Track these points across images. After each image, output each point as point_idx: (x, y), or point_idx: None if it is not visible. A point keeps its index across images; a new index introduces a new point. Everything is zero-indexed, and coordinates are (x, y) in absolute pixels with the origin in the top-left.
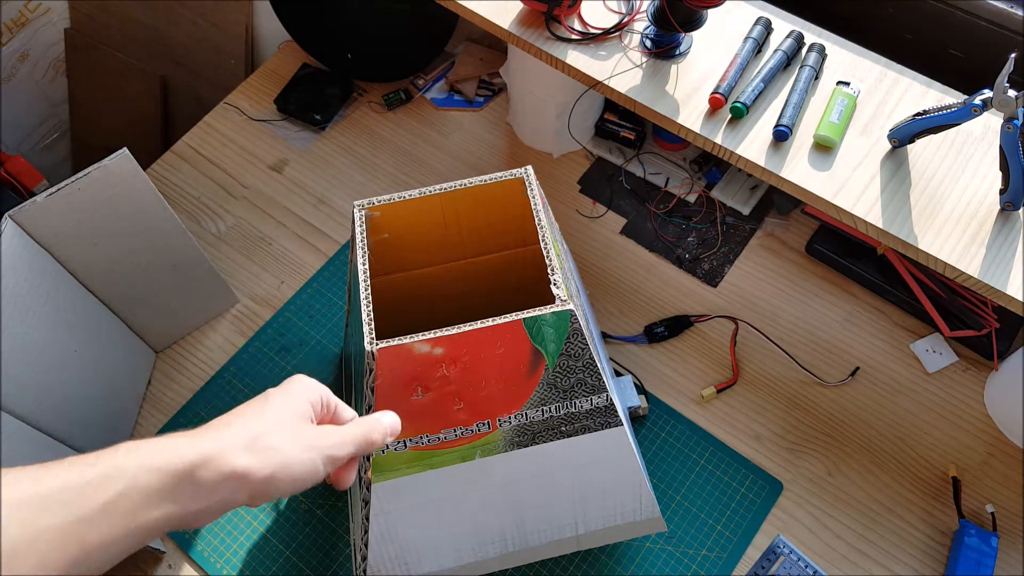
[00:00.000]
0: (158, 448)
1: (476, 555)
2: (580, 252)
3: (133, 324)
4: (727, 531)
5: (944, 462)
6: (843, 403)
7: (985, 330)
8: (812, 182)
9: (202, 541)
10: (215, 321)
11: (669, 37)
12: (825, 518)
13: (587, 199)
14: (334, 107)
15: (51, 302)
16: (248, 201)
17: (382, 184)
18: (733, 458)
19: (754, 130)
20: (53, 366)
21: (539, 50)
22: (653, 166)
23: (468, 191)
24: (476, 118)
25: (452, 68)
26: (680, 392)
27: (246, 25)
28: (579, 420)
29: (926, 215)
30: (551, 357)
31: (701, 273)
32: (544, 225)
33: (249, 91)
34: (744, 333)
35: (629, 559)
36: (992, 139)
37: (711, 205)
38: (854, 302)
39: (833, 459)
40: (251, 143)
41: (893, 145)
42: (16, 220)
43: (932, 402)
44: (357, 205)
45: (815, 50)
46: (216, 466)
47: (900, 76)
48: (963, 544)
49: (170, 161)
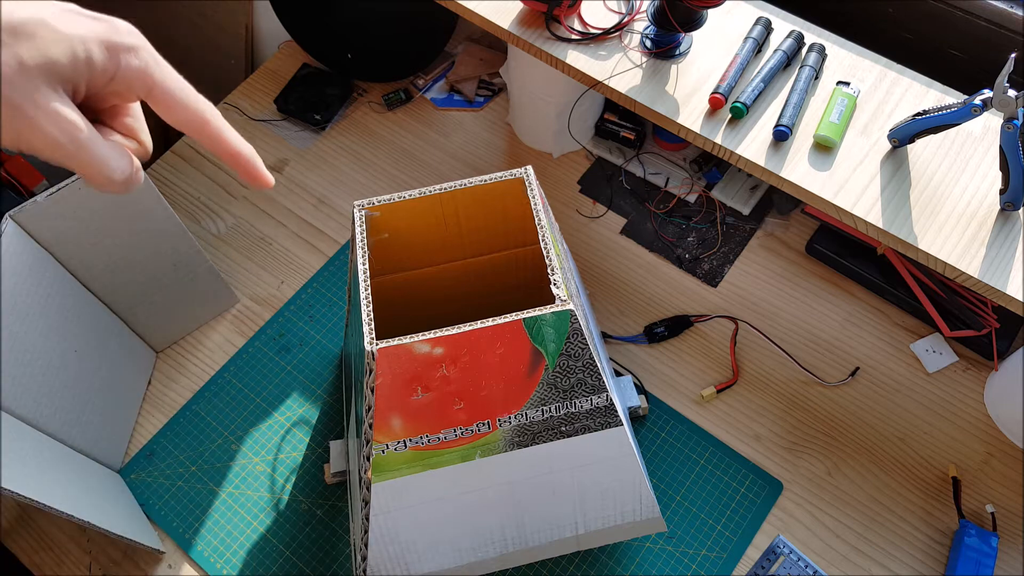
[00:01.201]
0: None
1: (476, 555)
2: (580, 252)
3: (133, 324)
4: (727, 531)
5: (944, 462)
6: (843, 403)
7: (985, 330)
8: (812, 182)
9: (202, 541)
10: (215, 321)
11: (669, 37)
12: (825, 518)
13: (587, 199)
14: (334, 107)
15: (51, 302)
16: (248, 201)
17: (382, 184)
18: (733, 458)
19: (754, 130)
20: (53, 366)
21: (539, 50)
22: (653, 166)
23: (468, 191)
24: (476, 118)
25: (452, 68)
26: (680, 392)
27: (246, 25)
28: (579, 420)
29: (926, 215)
30: (551, 357)
31: (701, 273)
32: (544, 225)
33: (249, 91)
34: (744, 333)
35: (629, 559)
36: (992, 139)
37: (711, 205)
38: (854, 302)
39: (833, 459)
40: (251, 143)
41: (893, 145)
42: (16, 220)
43: (932, 402)
44: (357, 205)
45: (815, 50)
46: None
47: (900, 76)
48: (963, 544)
49: (170, 161)
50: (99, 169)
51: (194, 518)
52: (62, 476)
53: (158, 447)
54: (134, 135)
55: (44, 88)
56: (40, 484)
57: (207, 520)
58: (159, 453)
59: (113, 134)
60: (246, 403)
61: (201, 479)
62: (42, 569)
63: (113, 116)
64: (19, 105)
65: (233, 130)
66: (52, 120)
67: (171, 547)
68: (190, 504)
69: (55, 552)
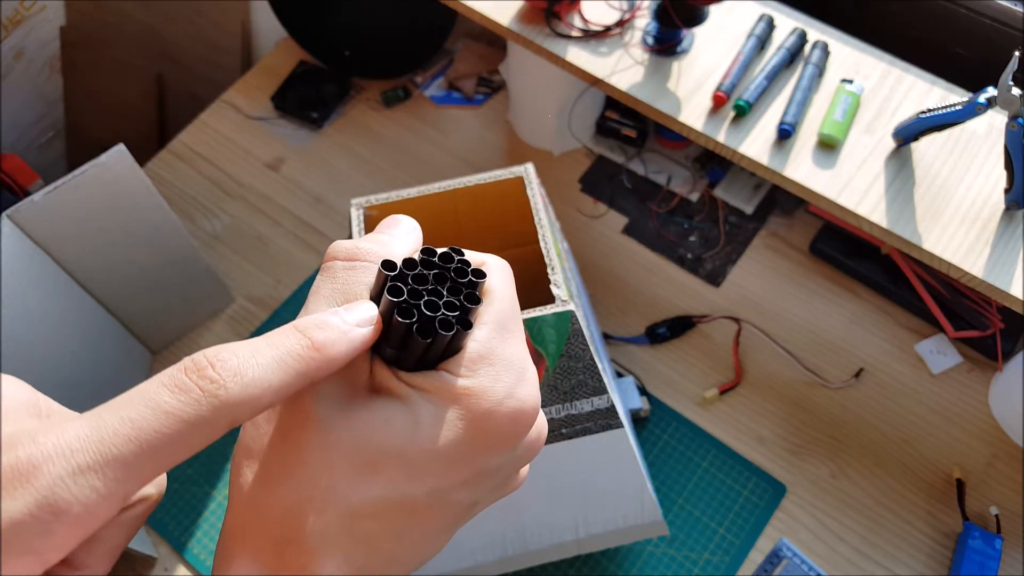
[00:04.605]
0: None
1: (475, 559)
2: (581, 252)
3: (130, 324)
4: (730, 534)
5: (948, 464)
6: (847, 404)
7: (990, 331)
8: (816, 181)
9: (197, 543)
10: (211, 321)
11: (671, 34)
12: (828, 521)
13: (588, 198)
14: (331, 105)
15: (49, 302)
16: (244, 200)
17: (380, 182)
18: (736, 460)
19: (757, 128)
20: (50, 367)
21: (539, 47)
22: (655, 164)
23: (467, 190)
24: (475, 116)
25: (451, 65)
26: (682, 394)
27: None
28: (580, 422)
29: (930, 214)
30: (551, 358)
31: (703, 273)
32: (544, 224)
33: (246, 89)
34: (747, 334)
35: (630, 563)
36: (996, 138)
37: (713, 204)
38: (858, 302)
39: (837, 461)
40: (248, 141)
41: (897, 143)
42: (13, 219)
43: (936, 403)
44: (355, 204)
45: (819, 47)
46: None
47: (904, 74)
48: (967, 546)
49: (166, 159)
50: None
51: (189, 521)
52: None
53: None
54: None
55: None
56: None
57: (202, 522)
58: None
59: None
60: None
61: (197, 482)
62: None
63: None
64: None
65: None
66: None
67: (166, 550)
68: (185, 507)
69: None
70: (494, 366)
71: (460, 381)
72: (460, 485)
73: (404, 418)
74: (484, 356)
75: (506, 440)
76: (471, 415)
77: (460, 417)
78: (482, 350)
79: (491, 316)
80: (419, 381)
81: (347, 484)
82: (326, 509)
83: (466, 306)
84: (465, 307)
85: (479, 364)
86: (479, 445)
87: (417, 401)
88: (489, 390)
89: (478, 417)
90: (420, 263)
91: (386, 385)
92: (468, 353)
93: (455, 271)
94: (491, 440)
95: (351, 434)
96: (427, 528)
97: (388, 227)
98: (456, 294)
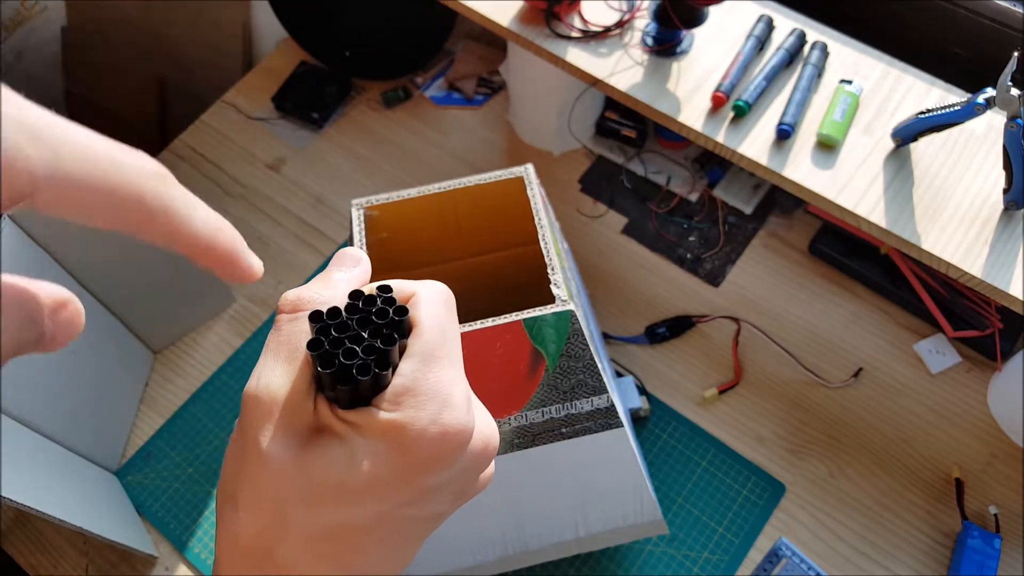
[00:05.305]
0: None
1: (475, 558)
2: (581, 252)
3: (131, 324)
4: (729, 533)
5: (947, 463)
6: (846, 404)
7: (989, 330)
8: (815, 181)
9: (198, 543)
10: (212, 322)
11: (670, 34)
12: (828, 520)
13: (588, 198)
14: (332, 105)
15: None
16: (245, 200)
17: (381, 183)
18: (735, 460)
19: (756, 128)
20: (51, 367)
21: (539, 48)
22: (654, 165)
23: (467, 190)
24: (475, 116)
25: (451, 66)
26: (682, 393)
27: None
28: (580, 422)
29: (929, 215)
30: (551, 358)
31: (703, 273)
32: (544, 224)
33: (246, 89)
34: (746, 333)
35: (630, 562)
36: (995, 138)
37: (713, 204)
38: (857, 302)
39: (836, 461)
40: (248, 142)
41: (896, 144)
42: (13, 219)
43: (935, 403)
44: (355, 204)
45: (818, 48)
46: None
47: (903, 74)
48: (966, 546)
49: (167, 160)
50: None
51: (190, 520)
52: (58, 480)
53: (155, 448)
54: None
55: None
56: (36, 489)
57: (203, 522)
58: (156, 455)
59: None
60: None
61: (198, 481)
62: (39, 571)
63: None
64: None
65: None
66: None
67: (167, 549)
68: (187, 506)
69: (52, 554)
70: (417, 397)
71: (384, 416)
72: (406, 504)
73: (340, 453)
74: (409, 388)
75: (438, 461)
76: (398, 445)
77: (388, 448)
78: (407, 383)
79: (417, 347)
80: (353, 418)
81: (300, 514)
82: (287, 536)
83: (382, 349)
84: (382, 350)
85: (403, 397)
86: (413, 469)
87: (351, 437)
88: (413, 420)
89: (405, 446)
90: (346, 308)
91: (327, 423)
92: (393, 387)
93: (377, 313)
94: (423, 463)
95: (298, 471)
96: (388, 541)
97: (334, 264)
98: (377, 336)
